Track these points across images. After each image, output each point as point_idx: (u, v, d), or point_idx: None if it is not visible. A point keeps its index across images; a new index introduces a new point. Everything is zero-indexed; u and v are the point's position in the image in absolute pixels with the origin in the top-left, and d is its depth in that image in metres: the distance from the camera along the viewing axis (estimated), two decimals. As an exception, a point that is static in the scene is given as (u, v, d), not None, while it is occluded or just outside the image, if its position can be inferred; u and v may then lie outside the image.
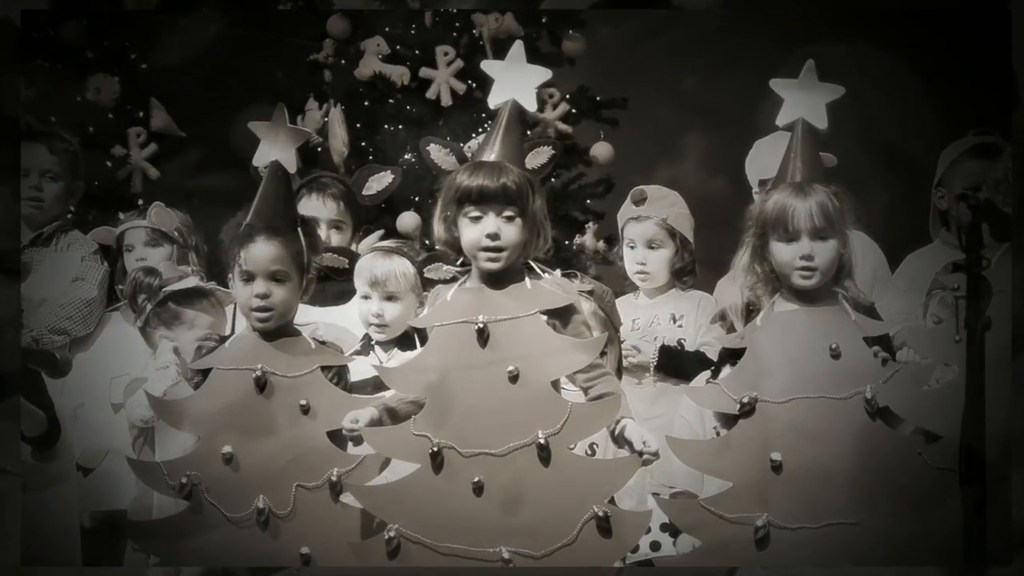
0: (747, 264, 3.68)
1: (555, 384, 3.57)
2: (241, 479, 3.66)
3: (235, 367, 3.74)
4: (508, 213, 3.57)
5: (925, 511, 3.41)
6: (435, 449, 3.47)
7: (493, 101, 3.70)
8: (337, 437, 3.69)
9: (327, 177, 4.81)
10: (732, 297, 3.71)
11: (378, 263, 4.25)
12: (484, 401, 3.51)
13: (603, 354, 3.67)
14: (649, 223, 4.62)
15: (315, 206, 4.69)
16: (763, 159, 4.66)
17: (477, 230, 3.58)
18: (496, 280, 3.62)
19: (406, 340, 4.22)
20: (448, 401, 3.52)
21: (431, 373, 3.56)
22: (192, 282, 4.43)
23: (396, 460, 3.67)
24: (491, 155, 3.61)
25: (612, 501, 3.55)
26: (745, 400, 3.52)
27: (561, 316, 3.60)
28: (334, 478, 3.63)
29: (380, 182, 4.85)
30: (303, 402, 3.69)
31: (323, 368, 3.75)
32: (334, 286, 4.39)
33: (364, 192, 4.85)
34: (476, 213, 3.58)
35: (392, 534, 3.46)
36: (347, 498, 3.66)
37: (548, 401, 3.51)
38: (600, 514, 3.42)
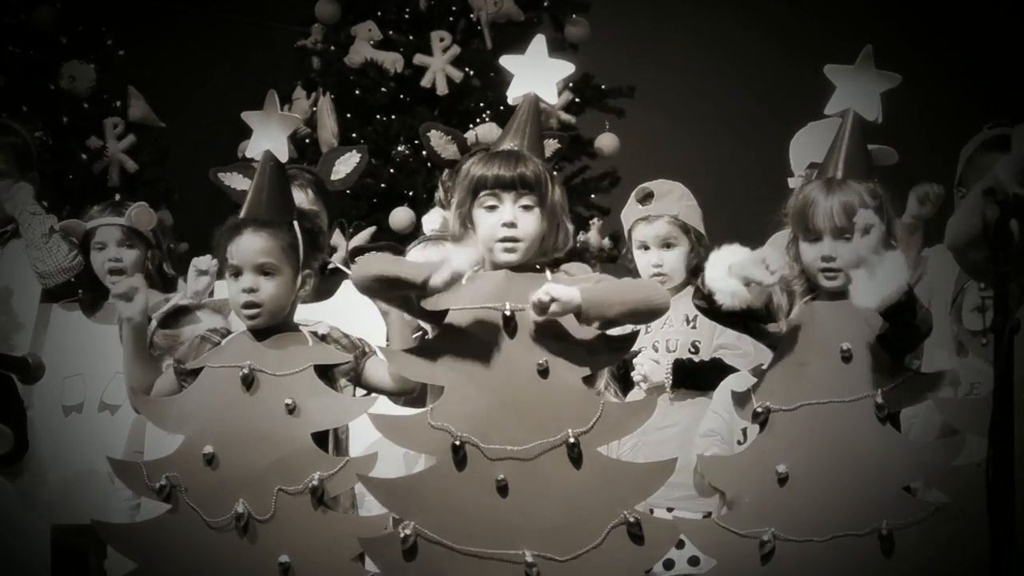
0: (788, 261, 3.56)
1: (586, 379, 3.49)
2: (222, 481, 3.58)
3: (225, 365, 3.66)
4: (526, 202, 3.50)
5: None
6: (458, 443, 3.40)
7: (512, 95, 3.65)
8: (321, 439, 3.59)
9: (293, 168, 4.65)
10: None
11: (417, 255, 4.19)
12: (509, 394, 3.43)
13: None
14: (660, 222, 4.48)
15: None
16: (809, 144, 4.49)
17: (493, 219, 3.50)
18: (517, 269, 3.55)
19: None
20: (469, 392, 3.44)
21: (446, 359, 3.46)
22: (174, 302, 4.31)
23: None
24: (509, 147, 3.57)
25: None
26: (759, 410, 3.42)
27: None
28: (315, 483, 3.52)
29: (347, 164, 4.75)
30: (288, 401, 3.58)
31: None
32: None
33: (332, 177, 4.74)
34: (492, 201, 3.50)
35: (408, 532, 3.38)
36: (333, 505, 3.59)
37: (578, 398, 3.43)
38: (631, 520, 3.36)
